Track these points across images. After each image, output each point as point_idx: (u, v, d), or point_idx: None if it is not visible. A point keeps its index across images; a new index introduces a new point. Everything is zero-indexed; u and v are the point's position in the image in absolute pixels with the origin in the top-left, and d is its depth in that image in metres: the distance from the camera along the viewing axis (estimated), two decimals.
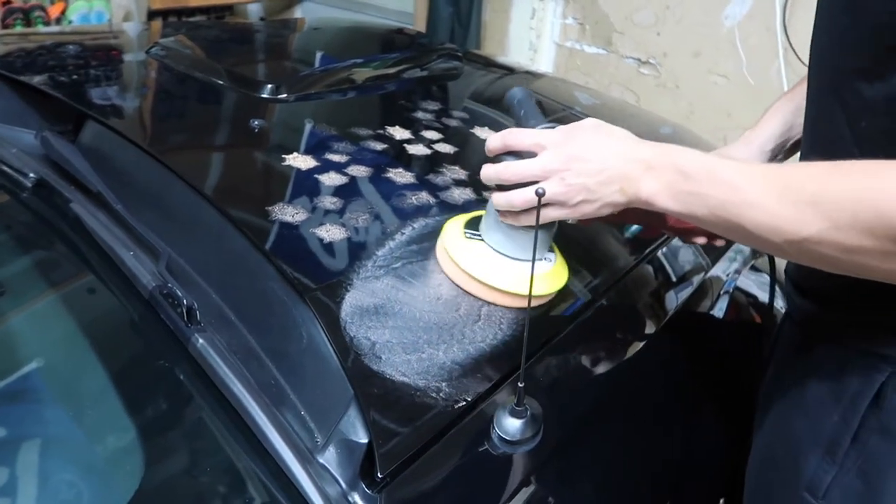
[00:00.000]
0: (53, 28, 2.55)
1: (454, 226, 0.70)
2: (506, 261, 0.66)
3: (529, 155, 0.61)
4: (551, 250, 0.72)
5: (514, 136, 0.62)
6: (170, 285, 0.62)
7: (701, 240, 0.74)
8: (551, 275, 0.69)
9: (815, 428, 0.63)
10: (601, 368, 0.73)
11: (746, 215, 0.52)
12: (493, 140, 0.64)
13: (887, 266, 0.48)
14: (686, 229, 0.74)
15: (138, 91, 1.09)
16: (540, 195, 0.53)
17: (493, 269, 0.66)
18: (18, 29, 2.52)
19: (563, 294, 0.73)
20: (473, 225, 0.70)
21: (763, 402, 0.74)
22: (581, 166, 0.59)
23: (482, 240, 0.68)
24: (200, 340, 0.59)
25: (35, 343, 0.69)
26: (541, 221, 0.59)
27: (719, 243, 0.77)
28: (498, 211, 0.65)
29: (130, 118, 0.97)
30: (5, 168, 0.86)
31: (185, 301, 0.60)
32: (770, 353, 0.78)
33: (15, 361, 0.66)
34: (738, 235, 0.56)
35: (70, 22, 2.70)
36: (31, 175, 0.84)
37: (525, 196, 0.60)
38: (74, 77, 1.04)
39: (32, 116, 0.99)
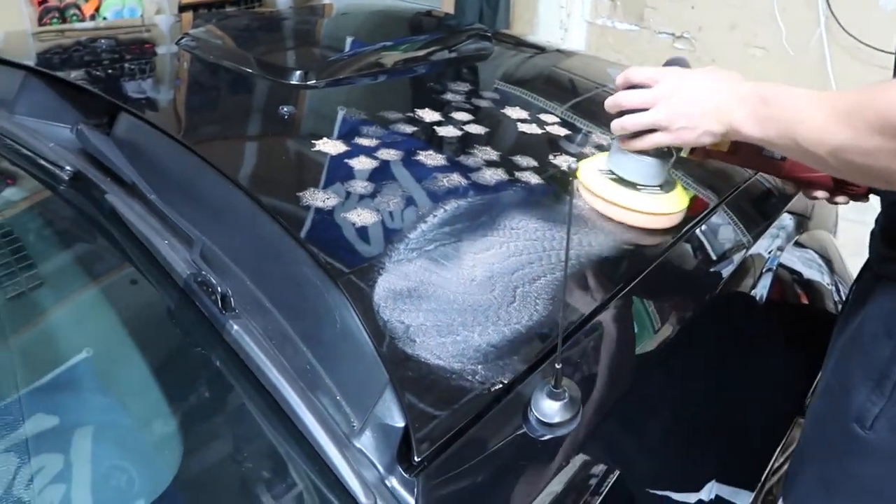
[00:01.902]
0: (88, 24, 2.59)
1: (589, 165, 0.83)
2: (635, 188, 0.79)
3: (646, 88, 0.72)
4: (670, 178, 0.83)
5: (634, 71, 0.74)
6: (204, 273, 0.63)
7: (820, 193, 0.80)
8: (677, 195, 0.82)
9: (868, 362, 0.66)
10: (639, 348, 0.71)
11: (800, 131, 0.60)
12: (619, 77, 0.76)
13: None
14: (804, 179, 0.79)
15: (169, 82, 1.09)
16: (572, 171, 0.52)
17: (625, 194, 0.78)
18: (54, 26, 2.57)
19: (600, 271, 0.72)
20: (608, 162, 0.82)
21: (829, 349, 0.75)
22: (684, 97, 0.70)
23: (612, 173, 0.80)
24: (235, 327, 0.59)
25: (75, 332, 0.70)
26: (648, 145, 0.74)
27: (840, 200, 0.80)
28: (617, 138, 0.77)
29: (162, 109, 0.98)
30: (43, 162, 0.87)
31: (219, 288, 0.61)
32: (844, 302, 0.79)
33: (58, 351, 0.67)
34: (797, 153, 0.63)
35: (104, 18, 2.75)
36: (68, 168, 0.85)
37: (635, 120, 0.73)
38: (108, 71, 1.05)
39: (69, 111, 1.01)
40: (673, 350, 0.74)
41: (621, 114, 0.75)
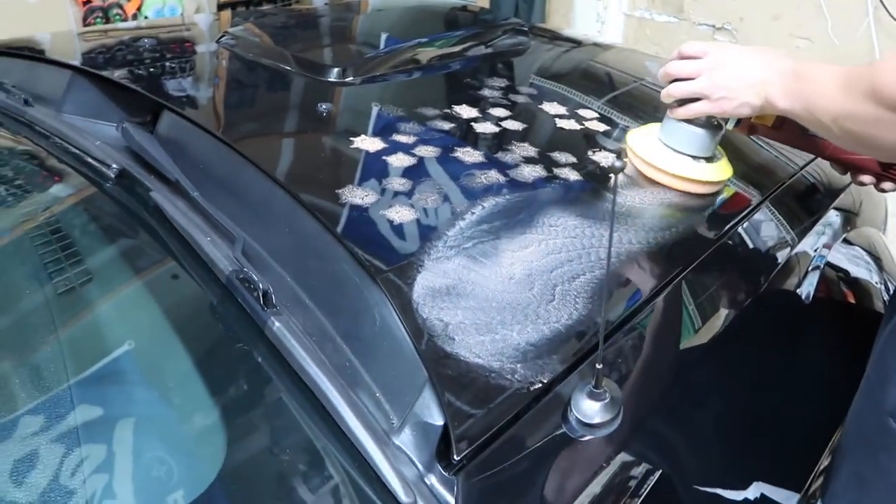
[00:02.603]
0: (130, 23, 2.65)
1: (639, 132, 0.88)
2: (683, 157, 0.83)
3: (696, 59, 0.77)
4: (717, 151, 0.86)
5: (687, 44, 0.79)
6: (246, 270, 0.63)
7: (867, 178, 0.81)
8: (720, 167, 0.85)
9: None
10: (682, 347, 0.70)
11: (815, 101, 0.64)
12: (675, 51, 0.81)
13: (890, 135, 0.56)
14: (847, 160, 0.81)
15: (210, 80, 1.11)
16: (619, 170, 0.51)
17: (671, 160, 0.82)
18: (98, 26, 2.63)
19: (642, 269, 0.71)
20: (661, 132, 0.85)
21: (874, 346, 0.75)
22: (727, 69, 0.74)
23: (661, 140, 0.84)
24: (277, 324, 0.60)
25: (122, 326, 0.71)
26: (691, 114, 0.78)
27: (887, 186, 0.81)
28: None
29: (203, 107, 0.99)
30: (90, 159, 0.89)
31: (260, 285, 0.61)
32: (891, 298, 0.80)
33: (106, 344, 0.69)
34: (815, 125, 0.66)
35: (146, 17, 2.80)
36: (114, 166, 0.87)
37: (680, 87, 0.78)
38: (150, 70, 1.07)
39: (114, 109, 1.03)
40: (716, 350, 0.73)
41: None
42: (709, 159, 0.84)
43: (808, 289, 0.91)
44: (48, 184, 0.91)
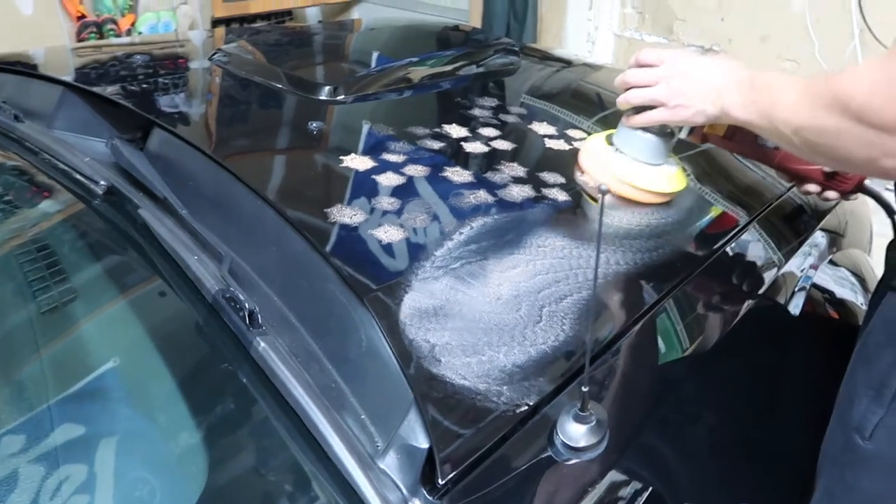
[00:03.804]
0: (124, 39, 2.65)
1: (595, 139, 0.88)
2: (640, 164, 0.82)
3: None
4: (672, 159, 0.86)
5: (644, 52, 0.79)
6: (232, 289, 0.63)
7: (812, 187, 0.83)
8: (675, 176, 0.84)
9: (871, 372, 0.67)
10: (669, 369, 0.70)
11: (774, 112, 0.64)
12: (632, 58, 0.81)
13: (851, 147, 0.56)
14: (794, 170, 0.82)
15: (201, 97, 1.11)
16: (604, 192, 0.52)
17: (623, 166, 0.82)
18: (92, 41, 2.64)
19: (629, 291, 0.71)
20: (612, 137, 0.86)
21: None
22: (685, 77, 0.74)
23: (619, 149, 0.83)
24: (262, 344, 0.60)
25: (107, 345, 0.71)
26: (647, 121, 0.78)
27: (830, 195, 0.83)
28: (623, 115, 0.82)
29: (193, 124, 1.00)
30: (78, 176, 0.89)
31: (246, 305, 0.61)
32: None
33: (89, 362, 0.69)
34: (774, 135, 0.66)
35: (139, 33, 2.81)
36: (102, 182, 0.87)
37: (637, 94, 0.78)
38: (142, 86, 1.08)
39: (104, 126, 1.03)
40: (703, 371, 0.73)
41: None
42: (662, 166, 0.84)
43: (794, 309, 0.91)
44: (36, 200, 0.91)
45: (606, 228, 0.79)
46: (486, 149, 0.93)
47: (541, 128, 1.02)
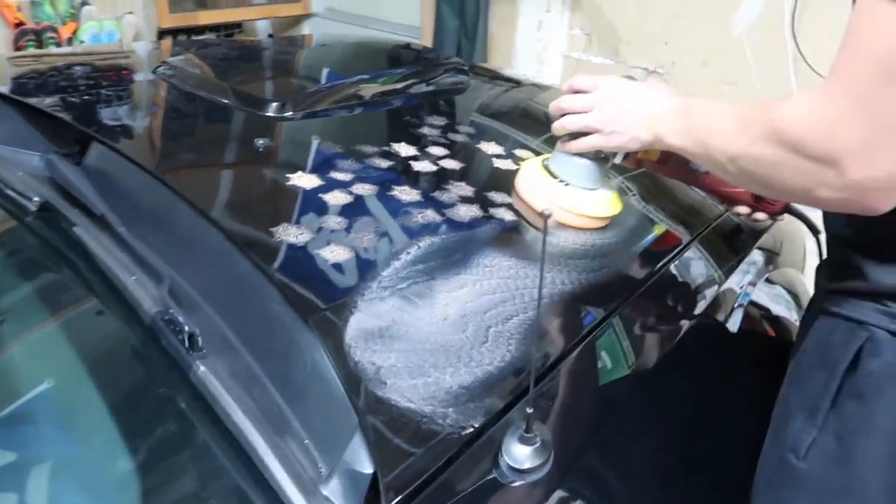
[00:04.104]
0: (64, 49, 2.57)
1: (532, 162, 0.88)
2: (575, 189, 0.83)
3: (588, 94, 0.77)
4: (607, 184, 0.86)
5: (578, 78, 0.80)
6: (171, 311, 0.61)
7: (742, 209, 0.84)
8: (610, 200, 0.85)
9: (803, 393, 0.69)
10: (613, 388, 0.71)
11: (709, 140, 0.65)
12: (565, 83, 0.81)
13: (786, 176, 0.57)
14: (724, 193, 0.84)
15: (143, 111, 1.09)
16: (547, 216, 0.52)
17: (558, 191, 0.83)
18: (30, 51, 2.55)
19: (574, 310, 0.72)
20: (547, 163, 0.86)
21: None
22: (619, 103, 0.75)
23: (554, 174, 0.84)
24: (202, 368, 0.58)
25: (38, 368, 0.68)
26: (583, 147, 0.79)
27: (759, 216, 0.84)
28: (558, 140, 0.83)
29: (134, 139, 0.97)
30: (10, 192, 0.85)
31: (186, 327, 0.60)
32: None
33: (19, 386, 0.66)
34: (708, 162, 0.67)
35: (81, 42, 2.73)
36: (36, 198, 0.84)
37: (572, 120, 0.78)
38: (80, 99, 1.04)
39: (40, 139, 0.99)
40: (647, 390, 0.74)
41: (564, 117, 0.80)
42: (597, 190, 0.85)
43: (734, 326, 0.94)
44: None
45: (553, 248, 0.80)
46: (434, 168, 0.93)
47: (489, 147, 1.03)
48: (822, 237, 1.06)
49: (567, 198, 0.82)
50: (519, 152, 1.04)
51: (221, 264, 0.71)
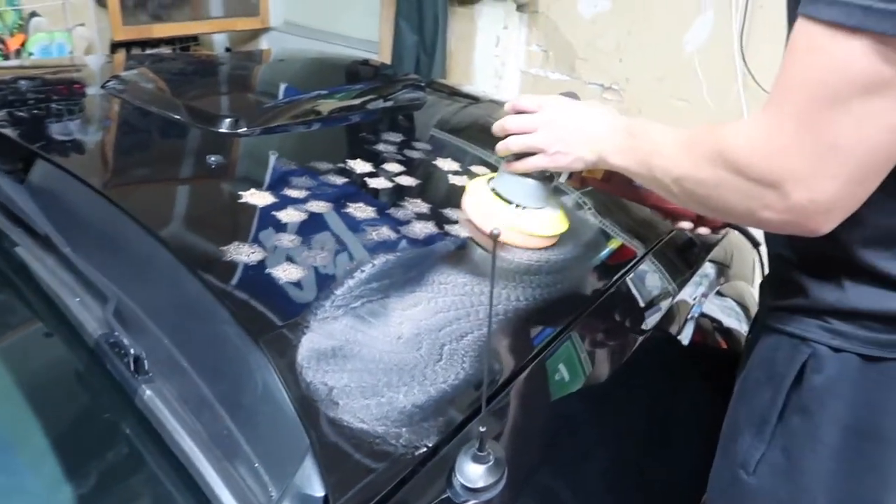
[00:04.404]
0: (12, 62, 2.50)
1: (478, 182, 0.87)
2: (520, 208, 0.83)
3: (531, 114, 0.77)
4: (552, 202, 0.86)
5: (521, 98, 0.79)
6: (116, 334, 0.60)
7: (685, 224, 0.85)
8: (556, 219, 0.85)
9: (751, 409, 0.69)
10: (568, 405, 0.71)
11: (654, 161, 0.65)
12: (507, 103, 0.81)
13: (730, 198, 0.58)
14: (667, 209, 0.85)
15: (92, 128, 1.06)
16: (496, 235, 0.53)
17: (504, 211, 0.82)
18: None
19: (528, 326, 0.72)
20: (493, 183, 0.86)
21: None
22: (564, 124, 0.75)
23: (499, 194, 0.83)
24: (148, 392, 0.56)
25: None
26: (528, 167, 0.78)
27: (702, 231, 0.85)
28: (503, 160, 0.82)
29: (81, 156, 0.94)
30: None
31: (132, 350, 0.58)
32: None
33: None
34: (652, 182, 0.67)
35: (31, 54, 2.66)
36: None
37: (517, 141, 0.77)
38: (28, 114, 1.01)
39: None
40: (601, 405, 0.75)
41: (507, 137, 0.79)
42: (543, 209, 0.84)
43: (687, 338, 0.96)
44: None
45: (508, 264, 0.80)
46: (390, 184, 0.93)
47: (445, 164, 1.03)
48: (763, 249, 1.10)
49: (512, 218, 0.82)
50: (476, 168, 1.04)
51: (170, 285, 0.69)
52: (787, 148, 0.52)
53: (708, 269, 1.08)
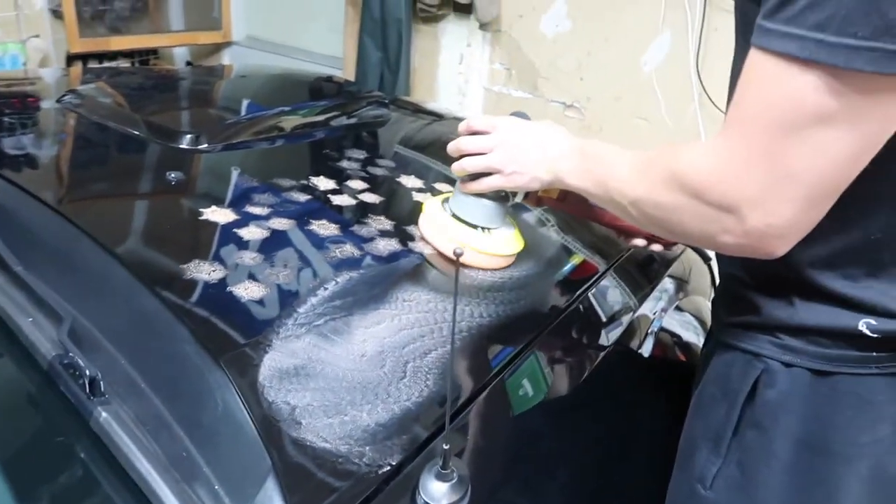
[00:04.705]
0: None
1: (433, 202, 0.87)
2: (471, 227, 0.82)
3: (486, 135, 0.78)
4: (508, 222, 0.87)
5: (475, 119, 0.80)
6: (71, 354, 0.58)
7: (639, 241, 0.86)
8: (511, 238, 0.85)
9: (707, 424, 0.70)
10: (531, 420, 0.72)
11: (610, 183, 0.66)
12: (461, 124, 0.81)
13: (688, 221, 0.58)
14: (622, 227, 0.85)
15: (45, 142, 1.04)
16: (458, 255, 0.53)
17: (461, 232, 0.82)
18: None
19: (491, 343, 0.72)
20: (448, 203, 0.85)
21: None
22: (519, 144, 0.75)
23: (455, 214, 0.83)
24: (104, 414, 0.55)
25: None
26: (484, 187, 0.79)
27: (655, 247, 0.85)
28: (458, 181, 0.82)
29: (34, 171, 0.92)
30: None
31: (87, 371, 0.56)
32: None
33: None
34: (609, 203, 0.68)
35: None
36: None
37: (473, 162, 0.78)
38: None
39: None
40: (564, 420, 0.75)
41: (462, 158, 0.79)
42: (499, 230, 0.84)
43: (647, 352, 0.97)
44: None
45: (472, 281, 0.81)
46: (354, 202, 0.93)
47: (409, 181, 1.04)
48: (714, 264, 1.12)
49: (469, 238, 0.82)
50: (440, 186, 1.05)
51: (127, 303, 0.68)
52: (744, 173, 0.53)
53: (667, 284, 1.11)
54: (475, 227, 0.82)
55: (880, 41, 0.45)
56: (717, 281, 0.80)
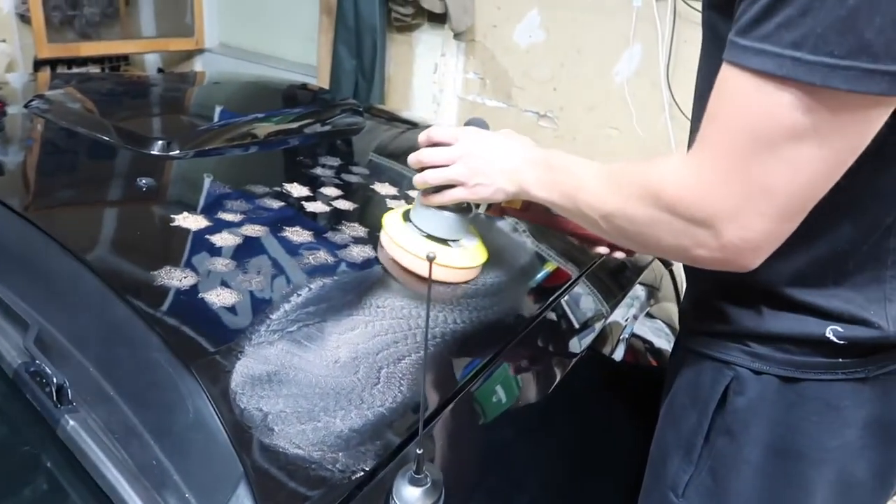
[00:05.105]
0: None
1: (394, 215, 0.84)
2: (434, 241, 0.80)
3: (447, 146, 0.76)
4: (471, 233, 0.85)
5: (435, 130, 0.78)
6: (38, 362, 0.57)
7: (602, 249, 0.84)
8: (475, 250, 0.83)
9: (678, 433, 0.71)
10: (505, 425, 0.72)
11: (580, 196, 0.65)
12: (421, 135, 0.78)
13: (662, 236, 0.58)
14: (585, 236, 0.83)
15: (11, 148, 1.02)
16: (432, 258, 0.53)
17: (424, 246, 0.79)
18: None
19: (465, 349, 0.73)
20: (410, 215, 0.83)
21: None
22: (482, 156, 0.73)
23: (418, 227, 0.81)
24: (71, 422, 0.54)
25: None
26: (447, 200, 0.76)
27: (619, 255, 0.85)
28: (419, 193, 0.80)
29: (1, 179, 0.90)
30: None
31: (54, 379, 0.56)
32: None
33: None
34: (578, 216, 0.67)
35: None
36: None
37: (435, 175, 0.75)
38: None
39: None
40: (538, 426, 0.76)
41: (423, 170, 0.77)
42: (461, 242, 0.83)
43: (619, 358, 0.98)
44: None
45: (445, 287, 0.81)
46: (327, 209, 0.93)
47: (383, 188, 1.04)
48: (676, 268, 1.13)
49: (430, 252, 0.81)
50: (413, 193, 1.05)
51: (96, 310, 0.67)
52: (719, 188, 0.53)
53: (638, 290, 1.12)
54: (438, 239, 0.81)
55: (857, 60, 0.46)
56: (683, 288, 0.80)
